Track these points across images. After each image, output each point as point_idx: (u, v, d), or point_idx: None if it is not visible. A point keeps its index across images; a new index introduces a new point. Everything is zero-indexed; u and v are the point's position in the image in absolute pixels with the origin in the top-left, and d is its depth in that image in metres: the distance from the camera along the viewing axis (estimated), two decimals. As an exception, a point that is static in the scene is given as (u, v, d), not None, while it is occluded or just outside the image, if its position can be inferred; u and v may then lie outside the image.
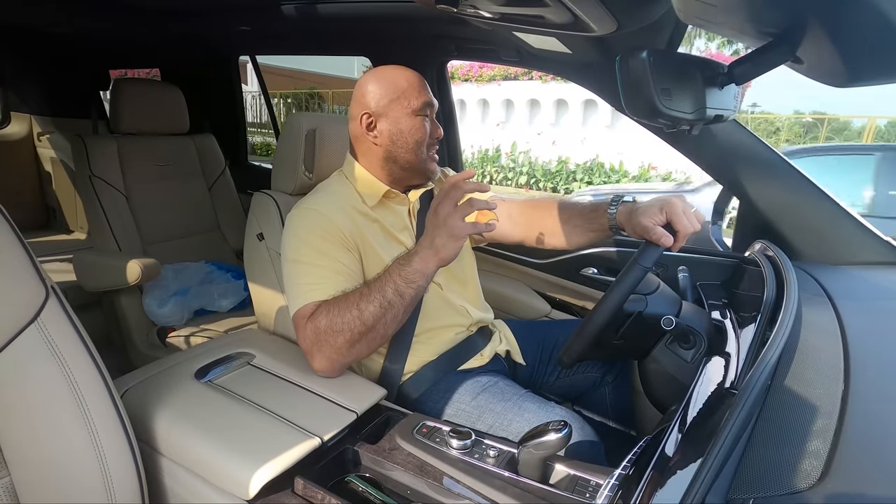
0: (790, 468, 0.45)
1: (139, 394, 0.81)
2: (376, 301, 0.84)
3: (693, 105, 0.77)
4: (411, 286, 0.85)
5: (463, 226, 0.83)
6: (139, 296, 1.64)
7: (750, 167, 1.14)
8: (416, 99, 0.97)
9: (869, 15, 0.50)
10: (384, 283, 0.86)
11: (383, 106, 0.97)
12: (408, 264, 0.86)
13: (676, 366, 0.87)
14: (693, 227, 0.87)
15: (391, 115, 0.97)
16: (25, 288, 0.61)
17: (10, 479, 0.63)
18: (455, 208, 0.83)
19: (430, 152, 1.02)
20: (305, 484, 0.68)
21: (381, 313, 0.84)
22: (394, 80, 0.98)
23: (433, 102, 1.00)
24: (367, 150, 1.01)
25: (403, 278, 0.85)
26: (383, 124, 0.98)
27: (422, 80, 1.01)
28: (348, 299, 0.86)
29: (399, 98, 0.97)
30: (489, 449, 0.74)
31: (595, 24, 0.84)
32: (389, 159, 1.00)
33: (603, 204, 1.01)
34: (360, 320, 0.84)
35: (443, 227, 0.83)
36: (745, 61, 0.75)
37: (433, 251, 0.85)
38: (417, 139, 0.98)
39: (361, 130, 0.99)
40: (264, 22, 1.67)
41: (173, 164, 1.88)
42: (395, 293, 0.85)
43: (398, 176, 1.02)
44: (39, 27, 2.03)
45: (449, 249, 0.84)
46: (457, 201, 0.83)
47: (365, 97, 0.98)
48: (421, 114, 0.98)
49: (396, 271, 0.86)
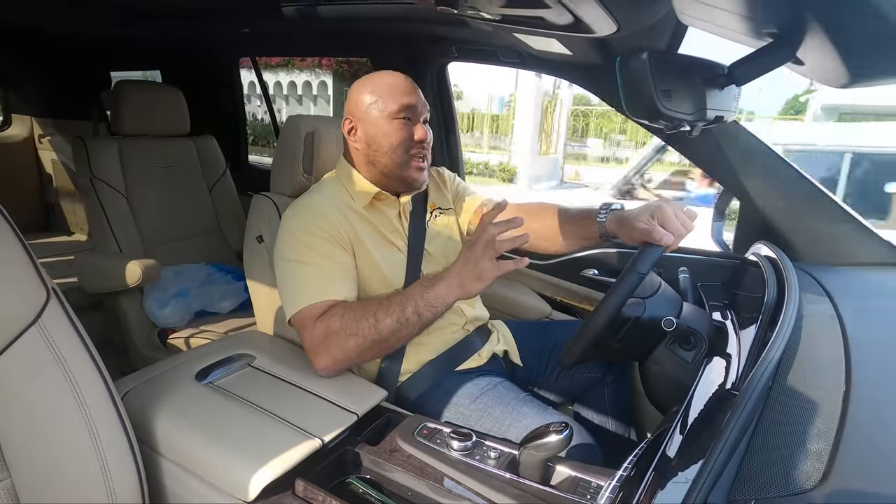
0: (792, 469, 0.45)
1: (140, 395, 0.81)
2: (394, 315, 0.86)
3: (693, 106, 0.78)
4: (430, 310, 0.87)
5: (491, 268, 0.84)
6: (140, 297, 1.64)
7: (750, 168, 1.14)
8: (393, 102, 0.96)
9: (869, 15, 0.50)
10: (405, 301, 0.87)
11: (362, 111, 0.98)
12: (431, 288, 0.87)
13: (677, 367, 0.87)
14: (687, 228, 0.87)
15: (368, 119, 0.98)
16: (26, 290, 0.61)
17: (10, 481, 0.63)
18: (485, 251, 0.84)
19: (414, 156, 0.99)
20: (306, 485, 0.68)
21: (397, 328, 0.86)
22: (375, 84, 0.99)
23: (416, 105, 0.98)
24: (354, 154, 1.03)
25: (425, 300, 0.87)
26: (361, 128, 0.99)
27: (406, 82, 0.99)
28: (366, 307, 0.88)
29: (376, 102, 0.97)
30: (490, 450, 0.74)
31: (595, 25, 0.84)
32: (370, 163, 1.01)
33: (593, 212, 1.01)
34: (375, 329, 0.85)
35: (472, 266, 0.85)
36: (745, 62, 0.75)
37: (458, 284, 0.86)
38: (392, 143, 0.97)
39: (346, 135, 1.02)
40: (265, 24, 1.68)
41: (174, 165, 1.88)
42: (415, 313, 0.87)
43: (382, 180, 1.02)
44: (40, 29, 2.03)
45: (474, 289, 0.86)
46: (487, 242, 0.84)
47: (349, 102, 1.01)
48: (399, 117, 0.97)
49: (419, 293, 0.88)
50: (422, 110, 1.00)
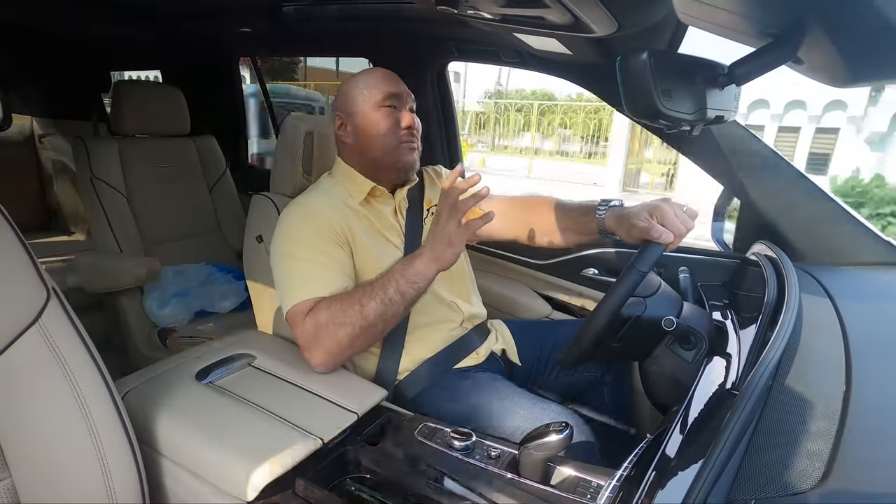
0: (792, 469, 0.45)
1: (140, 395, 0.81)
2: (378, 298, 0.87)
3: (694, 106, 0.77)
4: (412, 287, 0.88)
5: (459, 231, 0.85)
6: (140, 297, 1.64)
7: (750, 167, 1.14)
8: (377, 92, 1.00)
9: (869, 15, 0.50)
10: (386, 282, 0.88)
11: (349, 105, 1.02)
12: (410, 266, 0.88)
13: (677, 367, 0.86)
14: (687, 227, 0.86)
15: (356, 111, 1.01)
16: (27, 289, 0.61)
17: (11, 481, 0.63)
18: (449, 215, 0.85)
19: (403, 142, 1.01)
20: (306, 485, 0.68)
21: (383, 310, 0.87)
22: (360, 79, 1.03)
23: (400, 93, 1.02)
24: (345, 149, 1.06)
25: (405, 278, 0.88)
26: (350, 122, 1.02)
27: (388, 74, 1.04)
28: (350, 296, 0.88)
29: (361, 93, 1.01)
30: (490, 450, 0.74)
31: (596, 25, 0.84)
32: (362, 154, 1.03)
33: (591, 207, 1.01)
34: (361, 315, 0.86)
35: (441, 234, 0.86)
36: (745, 62, 0.75)
37: (433, 257, 0.87)
38: (381, 130, 1.00)
39: (336, 132, 1.05)
40: (265, 24, 1.68)
41: (174, 165, 1.89)
42: (397, 292, 0.87)
43: (375, 173, 1.04)
44: (40, 28, 2.03)
45: (447, 256, 0.87)
46: (450, 207, 0.85)
47: (338, 99, 1.04)
48: (385, 105, 1.00)
49: (399, 271, 0.89)
50: (406, 99, 1.03)
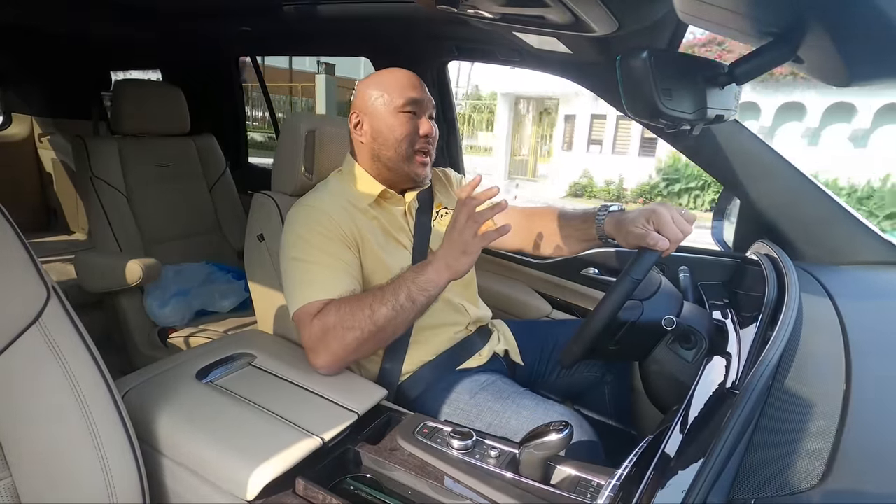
0: (792, 468, 0.45)
1: (140, 394, 0.81)
2: (389, 304, 0.86)
3: (694, 105, 0.77)
4: (423, 294, 0.87)
5: (474, 241, 0.84)
6: (140, 296, 1.64)
7: (751, 167, 1.13)
8: (399, 96, 0.98)
9: (869, 15, 0.50)
10: (398, 288, 0.87)
11: (369, 105, 1.00)
12: (422, 273, 0.87)
13: (677, 366, 0.87)
14: (684, 232, 0.86)
15: (375, 113, 0.99)
16: (27, 289, 0.61)
17: (11, 480, 0.63)
18: (466, 225, 0.84)
19: (418, 151, 1.00)
20: (306, 484, 0.68)
21: (393, 315, 0.86)
22: (382, 79, 1.01)
23: (422, 100, 1.00)
24: (358, 149, 1.04)
25: (417, 285, 0.87)
26: (368, 122, 1.01)
27: (412, 78, 1.01)
28: (361, 300, 0.87)
29: (382, 95, 0.99)
30: (490, 449, 0.74)
31: (596, 24, 0.84)
32: (375, 157, 1.02)
33: (592, 214, 1.01)
34: (371, 320, 0.85)
35: (457, 242, 0.85)
36: (746, 61, 0.75)
37: (446, 265, 0.86)
38: (397, 136, 0.98)
39: (352, 130, 1.03)
40: (265, 23, 1.68)
41: (174, 164, 1.88)
42: (408, 299, 0.86)
43: (386, 176, 1.03)
44: (40, 28, 2.03)
45: (461, 264, 0.86)
46: (468, 216, 0.84)
47: (356, 98, 1.02)
48: (404, 111, 0.98)
49: (411, 278, 0.88)
50: (427, 105, 1.01)
